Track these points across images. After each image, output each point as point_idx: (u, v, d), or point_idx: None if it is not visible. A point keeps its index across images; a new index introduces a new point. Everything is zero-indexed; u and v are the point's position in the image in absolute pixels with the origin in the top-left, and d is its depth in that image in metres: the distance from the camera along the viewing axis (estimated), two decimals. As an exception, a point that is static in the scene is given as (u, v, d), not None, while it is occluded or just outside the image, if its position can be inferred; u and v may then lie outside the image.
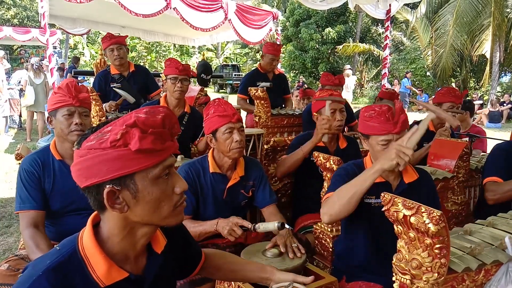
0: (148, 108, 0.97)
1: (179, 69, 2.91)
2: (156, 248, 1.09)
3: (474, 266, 1.34)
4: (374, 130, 1.80)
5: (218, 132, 2.06)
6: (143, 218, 0.98)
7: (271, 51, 4.41)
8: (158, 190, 0.95)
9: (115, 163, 0.90)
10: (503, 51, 16.21)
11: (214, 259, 1.45)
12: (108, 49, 3.66)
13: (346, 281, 1.95)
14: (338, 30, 21.00)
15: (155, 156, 0.93)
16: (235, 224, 1.91)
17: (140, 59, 26.80)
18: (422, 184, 1.89)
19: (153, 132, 0.92)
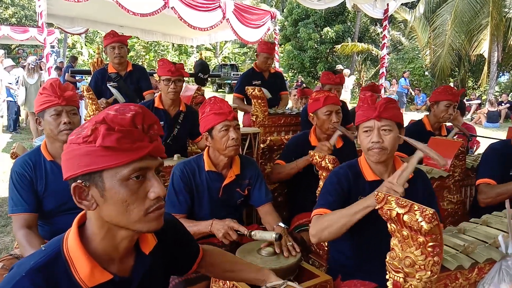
0: (119, 106, 0.95)
1: (171, 70, 2.88)
2: (144, 249, 1.07)
3: (467, 264, 1.34)
4: (359, 118, 1.82)
5: (214, 130, 2.06)
6: (112, 219, 0.95)
7: (265, 50, 4.41)
8: (127, 192, 0.92)
9: (84, 158, 0.90)
10: (501, 51, 16.21)
11: (213, 256, 1.44)
12: (110, 46, 3.65)
13: (341, 279, 1.95)
14: (337, 30, 21.01)
15: (124, 155, 0.90)
16: (231, 228, 1.91)
17: (138, 59, 26.78)
18: (418, 183, 1.89)
19: (120, 130, 0.90)
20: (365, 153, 1.83)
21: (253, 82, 4.40)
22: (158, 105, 3.00)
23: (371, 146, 1.77)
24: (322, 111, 2.68)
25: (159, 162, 0.98)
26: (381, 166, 1.84)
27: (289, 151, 2.80)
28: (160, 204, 0.97)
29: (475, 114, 14.24)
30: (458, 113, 4.58)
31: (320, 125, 2.74)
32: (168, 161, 2.66)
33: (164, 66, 2.92)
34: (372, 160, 1.82)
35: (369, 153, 1.79)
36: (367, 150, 1.80)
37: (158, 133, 0.97)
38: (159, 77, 2.93)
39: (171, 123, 3.03)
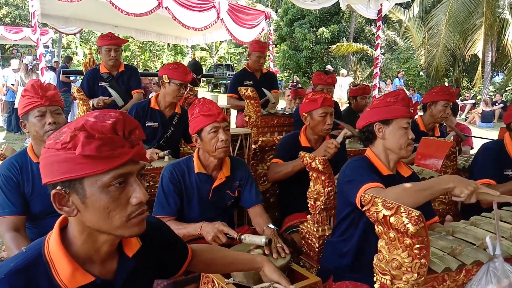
0: (99, 112, 0.94)
1: (190, 75, 2.93)
2: (128, 252, 1.07)
3: (454, 266, 1.34)
4: (395, 113, 1.83)
5: (203, 131, 2.05)
6: (93, 225, 0.94)
7: (257, 49, 4.39)
8: (108, 199, 0.91)
9: (63, 165, 0.88)
10: (495, 51, 16.30)
11: (203, 254, 1.43)
12: (106, 48, 3.63)
13: (333, 280, 1.94)
14: (332, 30, 21.04)
15: (104, 163, 0.89)
16: (221, 232, 1.90)
17: (133, 59, 26.70)
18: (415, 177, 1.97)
19: (100, 138, 0.88)
20: (401, 148, 1.84)
21: (245, 82, 4.39)
22: (154, 106, 3.00)
23: (410, 142, 1.83)
24: (318, 112, 2.66)
25: (141, 165, 0.97)
26: (394, 164, 1.91)
27: (283, 150, 2.79)
28: (142, 209, 0.96)
29: (469, 114, 14.29)
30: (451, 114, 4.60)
31: (313, 126, 2.72)
32: (158, 162, 2.65)
33: (180, 70, 2.92)
34: (405, 156, 1.86)
35: (408, 148, 1.84)
36: (406, 146, 1.83)
37: (139, 138, 0.96)
38: (169, 79, 2.89)
39: (166, 124, 3.03)
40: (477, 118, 13.73)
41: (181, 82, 2.89)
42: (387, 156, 1.89)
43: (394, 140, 1.83)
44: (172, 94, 2.93)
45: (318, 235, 2.19)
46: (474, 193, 1.52)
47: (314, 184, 2.22)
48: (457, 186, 1.53)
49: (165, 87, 2.93)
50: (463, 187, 1.52)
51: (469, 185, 1.53)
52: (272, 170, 2.77)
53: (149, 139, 3.00)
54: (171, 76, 2.89)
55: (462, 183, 1.54)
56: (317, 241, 2.19)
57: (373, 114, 1.91)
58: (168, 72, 2.91)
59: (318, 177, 2.19)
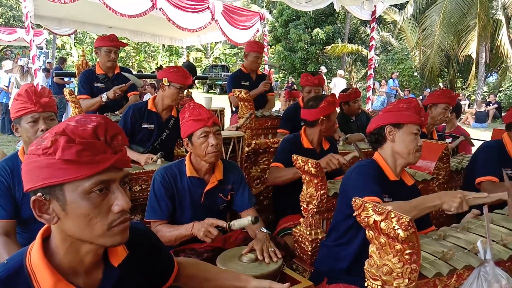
0: (80, 116, 0.93)
1: (190, 79, 2.93)
2: (113, 261, 1.04)
3: (445, 271, 1.33)
4: (406, 118, 1.84)
5: (194, 136, 2.04)
6: (74, 234, 0.92)
7: (255, 49, 4.38)
8: (89, 206, 0.89)
9: (44, 171, 0.87)
10: (489, 51, 16.41)
11: (187, 268, 1.41)
12: (106, 49, 3.61)
13: (327, 282, 1.94)
14: (327, 31, 21.08)
15: (85, 168, 0.87)
16: (210, 225, 1.89)
17: (128, 60, 26.62)
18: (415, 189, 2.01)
19: (81, 143, 0.87)
20: (409, 154, 1.86)
21: (242, 82, 4.38)
22: (151, 108, 2.99)
23: (418, 148, 1.85)
24: (335, 114, 2.78)
25: (124, 173, 0.95)
26: (400, 169, 1.93)
27: (285, 153, 2.76)
28: (124, 217, 0.94)
29: (463, 115, 14.36)
30: (454, 116, 4.62)
31: (328, 127, 2.77)
32: (151, 165, 2.64)
33: (180, 73, 2.92)
34: (413, 161, 1.89)
35: (416, 154, 1.86)
36: (414, 152, 1.85)
37: (122, 144, 0.95)
38: (169, 82, 2.88)
39: (162, 127, 3.03)
40: (471, 118, 13.79)
41: (181, 86, 2.89)
42: (395, 161, 1.91)
43: (404, 145, 1.85)
44: (171, 97, 2.92)
45: (311, 239, 2.19)
46: (463, 202, 1.54)
47: (307, 187, 2.22)
48: (444, 202, 1.56)
49: (164, 90, 2.92)
50: (450, 202, 1.55)
51: (455, 197, 1.55)
52: (272, 175, 2.75)
53: (144, 141, 2.99)
54: (171, 79, 2.88)
55: (448, 198, 1.57)
56: (310, 245, 2.19)
57: (385, 117, 1.92)
58: (168, 75, 2.91)
59: (311, 180, 2.18)
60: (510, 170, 2.52)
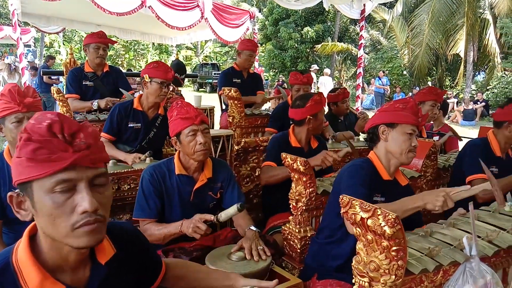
0: (39, 114, 0.92)
1: (171, 74, 2.89)
2: (101, 259, 1.04)
3: (431, 267, 1.35)
4: (402, 118, 1.85)
5: (182, 134, 2.03)
6: (45, 231, 0.93)
7: (249, 47, 4.37)
8: (51, 205, 0.88)
9: (17, 169, 0.90)
10: (477, 50, 16.60)
11: (176, 268, 1.41)
12: (94, 45, 3.58)
13: (317, 278, 1.95)
14: (317, 30, 21.14)
15: (44, 167, 0.86)
16: (198, 220, 1.88)
17: (118, 58, 26.42)
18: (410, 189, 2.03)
19: (37, 140, 0.87)
20: (402, 154, 1.86)
21: (234, 80, 4.36)
22: (137, 107, 2.97)
23: (412, 149, 1.85)
24: (322, 113, 2.78)
25: (94, 173, 0.93)
26: (394, 169, 1.94)
27: (275, 151, 2.76)
28: (88, 219, 0.90)
29: (452, 113, 14.51)
30: (441, 113, 4.67)
31: (316, 126, 2.79)
32: (139, 164, 2.63)
33: (161, 68, 2.89)
34: (405, 162, 1.89)
35: (408, 154, 1.86)
36: (407, 152, 1.85)
37: (86, 142, 0.92)
38: (150, 78, 2.87)
39: (149, 125, 3.00)
40: (459, 116, 13.94)
41: (162, 81, 2.86)
42: (389, 160, 1.92)
43: (396, 144, 1.86)
44: (154, 93, 2.89)
45: (300, 236, 2.20)
46: (447, 200, 1.55)
47: (296, 185, 2.23)
48: (428, 202, 1.58)
49: (147, 86, 2.90)
50: (434, 201, 1.56)
51: (438, 196, 1.57)
52: (266, 174, 2.74)
53: (131, 140, 2.97)
54: (151, 75, 2.86)
55: (431, 197, 1.58)
56: (299, 242, 2.20)
57: (380, 116, 1.94)
58: (148, 71, 2.89)
59: (300, 178, 2.19)
60: (495, 168, 2.55)
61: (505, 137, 2.58)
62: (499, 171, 2.54)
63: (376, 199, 1.83)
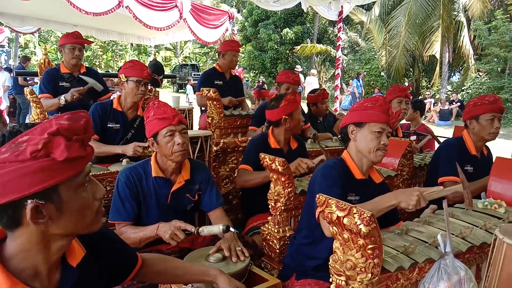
0: (69, 114, 0.92)
1: (147, 72, 2.86)
2: (71, 261, 1.03)
3: (407, 265, 1.37)
4: (371, 117, 1.85)
5: (159, 135, 2.00)
6: (66, 230, 0.94)
7: (233, 48, 4.33)
8: (82, 199, 0.94)
9: (37, 175, 0.84)
10: (452, 52, 17.00)
11: (154, 264, 1.41)
12: (70, 46, 3.51)
13: (295, 278, 1.95)
14: (296, 31, 21.26)
15: (79, 163, 0.91)
16: (177, 228, 1.86)
17: (95, 59, 26.01)
18: (385, 186, 2.04)
19: (77, 139, 0.89)
20: (370, 152, 1.86)
21: (215, 82, 4.31)
22: (116, 107, 2.92)
23: (381, 147, 1.84)
24: (298, 111, 2.76)
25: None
26: (367, 167, 1.94)
27: (252, 154, 2.76)
28: (103, 202, 1.02)
29: (428, 113, 14.80)
30: (418, 114, 4.76)
31: (293, 126, 2.77)
32: (116, 166, 2.58)
33: (136, 67, 2.86)
34: (375, 160, 1.88)
35: (377, 153, 1.85)
36: (375, 150, 1.85)
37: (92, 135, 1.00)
38: (126, 77, 2.83)
39: (127, 126, 2.96)
40: (435, 116, 14.23)
41: (138, 79, 2.82)
42: (361, 159, 1.93)
43: (365, 143, 1.86)
44: (131, 92, 2.86)
45: (279, 236, 2.20)
46: (420, 199, 1.57)
47: (275, 186, 2.22)
48: (402, 201, 1.59)
49: (124, 86, 2.87)
50: (408, 200, 1.58)
51: (412, 195, 1.59)
52: (241, 178, 2.73)
53: (109, 142, 2.91)
54: (127, 74, 2.83)
55: (405, 196, 1.60)
56: (278, 242, 2.20)
57: (349, 116, 1.95)
58: (124, 71, 2.86)
59: (278, 178, 2.19)
60: (470, 167, 2.60)
61: (474, 134, 2.63)
62: (474, 170, 2.59)
63: (351, 199, 1.85)
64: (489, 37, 14.75)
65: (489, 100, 2.53)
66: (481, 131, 2.56)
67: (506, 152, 4.39)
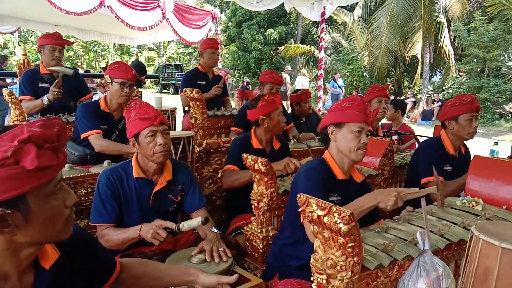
0: (42, 121, 0.90)
1: (131, 74, 2.84)
2: (44, 264, 1.01)
3: (387, 262, 1.38)
4: (350, 117, 1.86)
5: (140, 135, 1.98)
6: (34, 238, 0.91)
7: (210, 45, 4.33)
8: (52, 207, 0.91)
9: (5, 184, 0.82)
10: (433, 52, 17.28)
11: (133, 268, 1.39)
12: (50, 47, 3.46)
13: (278, 278, 1.96)
14: (280, 32, 21.32)
15: (50, 172, 0.88)
16: (159, 227, 1.85)
17: (77, 59, 25.63)
18: (366, 184, 2.07)
19: (49, 147, 0.87)
20: (351, 152, 1.88)
21: (198, 82, 4.30)
22: (104, 108, 2.91)
23: (361, 146, 1.86)
24: (277, 112, 2.75)
25: None
26: (348, 167, 1.95)
27: (236, 154, 2.76)
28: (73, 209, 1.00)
29: (410, 113, 15.01)
30: (399, 113, 4.82)
31: (272, 126, 2.78)
32: (97, 167, 2.55)
33: (121, 68, 2.84)
34: (355, 159, 1.90)
35: (357, 152, 1.87)
36: (356, 150, 1.86)
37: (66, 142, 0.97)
38: (111, 79, 2.82)
39: (113, 128, 2.93)
40: (418, 116, 14.45)
41: (122, 81, 2.81)
42: (342, 159, 1.94)
43: (345, 143, 1.88)
44: (116, 94, 2.85)
45: (262, 236, 2.21)
46: (397, 199, 1.60)
47: (257, 186, 2.23)
48: (380, 201, 1.63)
49: (109, 88, 2.86)
50: (386, 200, 1.62)
51: (390, 195, 1.62)
52: (228, 178, 2.73)
53: None
54: (112, 76, 2.82)
55: (383, 197, 1.64)
56: (261, 242, 2.21)
57: (329, 117, 1.96)
58: (109, 72, 2.85)
59: (261, 178, 2.20)
60: (449, 166, 2.65)
61: (452, 134, 2.67)
62: (453, 169, 2.64)
63: (333, 199, 1.87)
64: (468, 38, 15.03)
65: (467, 100, 2.58)
66: (460, 131, 2.61)
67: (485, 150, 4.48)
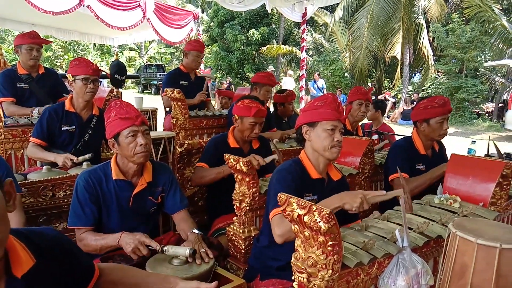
0: None
1: (92, 68, 2.76)
2: (17, 272, 0.96)
3: (366, 260, 1.40)
4: (321, 116, 1.87)
5: (121, 136, 1.95)
6: None
7: (196, 48, 4.30)
8: None
9: None
10: (412, 53, 17.56)
11: (112, 274, 1.36)
12: (27, 47, 3.40)
13: (260, 279, 1.96)
14: (262, 32, 21.36)
15: None
16: (141, 243, 1.82)
17: (56, 59, 25.15)
18: (344, 182, 2.08)
19: None
20: (325, 150, 1.88)
21: (180, 82, 4.27)
22: (69, 108, 2.83)
23: (335, 144, 1.86)
24: (249, 120, 2.73)
25: None
26: (324, 166, 1.95)
27: (210, 153, 2.77)
28: None
29: (391, 112, 15.21)
30: (379, 113, 4.89)
31: (242, 130, 2.79)
32: (76, 169, 2.51)
33: (82, 64, 2.77)
34: (330, 158, 1.90)
35: (331, 150, 1.87)
36: (330, 148, 1.86)
37: None
38: (73, 76, 2.75)
39: (83, 127, 2.87)
40: (399, 116, 14.67)
41: (84, 77, 2.74)
42: (317, 158, 1.95)
43: (319, 142, 1.89)
44: (80, 91, 2.77)
45: (244, 236, 2.20)
46: (363, 202, 1.61)
47: (239, 186, 2.23)
48: (346, 202, 1.62)
49: (73, 86, 2.79)
50: (352, 202, 1.61)
51: (356, 197, 1.62)
52: (196, 175, 2.74)
53: (66, 144, 2.82)
54: (74, 73, 2.76)
55: (349, 198, 1.64)
56: (244, 243, 2.21)
57: (302, 117, 1.97)
58: (70, 70, 2.78)
59: (243, 178, 2.20)
60: (422, 165, 2.69)
61: (423, 135, 2.72)
62: (426, 167, 2.67)
63: (308, 198, 1.87)
64: (447, 39, 15.31)
65: (439, 103, 2.60)
66: (431, 133, 2.66)
67: (462, 149, 4.57)
